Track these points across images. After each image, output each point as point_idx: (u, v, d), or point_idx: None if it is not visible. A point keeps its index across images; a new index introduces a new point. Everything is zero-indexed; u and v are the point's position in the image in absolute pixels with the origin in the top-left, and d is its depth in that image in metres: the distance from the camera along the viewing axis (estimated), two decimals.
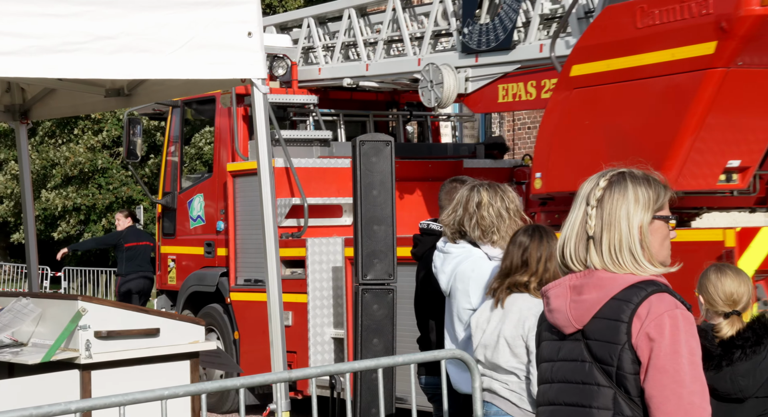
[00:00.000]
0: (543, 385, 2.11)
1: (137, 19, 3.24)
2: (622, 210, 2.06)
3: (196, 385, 2.88)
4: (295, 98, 7.37)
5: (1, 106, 4.80)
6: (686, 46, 4.97)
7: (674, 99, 5.03)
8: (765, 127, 5.17)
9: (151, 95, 4.45)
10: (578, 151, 5.41)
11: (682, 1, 4.98)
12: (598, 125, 5.38)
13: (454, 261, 3.55)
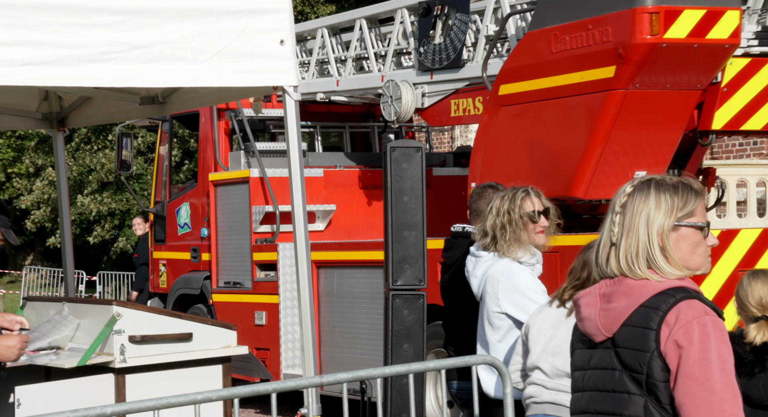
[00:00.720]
0: (575, 393, 2.11)
1: (172, 28, 3.29)
2: (642, 215, 2.06)
3: (228, 390, 2.91)
4: (273, 112, 7.87)
5: (39, 114, 4.89)
6: (591, 70, 5.53)
7: (583, 117, 5.59)
8: (667, 141, 5.66)
9: (185, 103, 4.51)
10: (506, 163, 5.98)
11: (587, 29, 5.52)
12: (522, 139, 5.95)
13: (485, 264, 3.57)
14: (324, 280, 7.09)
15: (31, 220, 21.09)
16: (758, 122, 5.76)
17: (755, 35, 5.70)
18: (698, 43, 5.41)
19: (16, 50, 3.04)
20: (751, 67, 5.70)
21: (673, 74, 5.52)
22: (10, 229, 3.56)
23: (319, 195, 7.53)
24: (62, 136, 4.96)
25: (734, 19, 5.42)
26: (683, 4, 5.35)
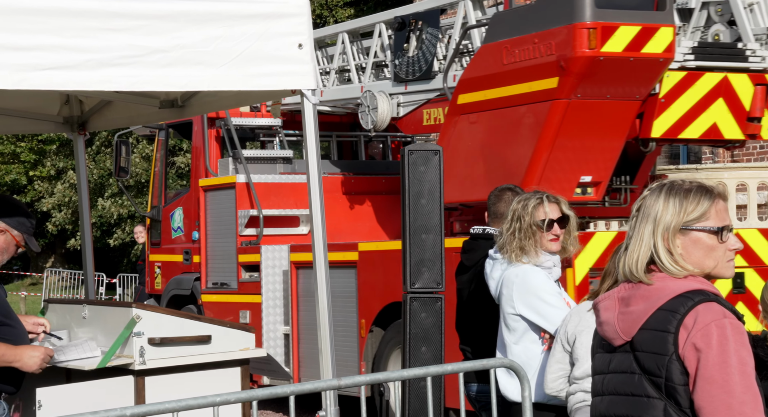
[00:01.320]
0: (595, 397, 2.10)
1: (191, 33, 3.32)
2: (650, 218, 2.06)
3: (247, 392, 2.93)
4: (262, 121, 8.33)
5: (60, 118, 4.93)
6: (537, 81, 5.97)
7: (531, 124, 6.02)
8: (610, 148, 6.09)
9: (204, 106, 4.53)
10: (464, 168, 6.43)
11: (533, 42, 5.94)
12: (477, 146, 6.40)
13: (501, 267, 3.58)
14: (302, 280, 7.46)
15: (52, 222, 21.28)
16: (695, 131, 6.15)
17: (691, 50, 6.10)
18: (634, 56, 5.82)
19: (38, 55, 3.07)
20: (688, 79, 6.09)
21: (612, 85, 5.92)
22: (32, 235, 3.59)
23: (303, 200, 7.87)
24: (83, 140, 5.00)
25: (668, 35, 5.82)
26: (620, 20, 5.76)
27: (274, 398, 2.94)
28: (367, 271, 6.97)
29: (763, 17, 6.24)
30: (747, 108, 6.25)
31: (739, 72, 6.21)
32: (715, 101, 6.19)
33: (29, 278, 24.25)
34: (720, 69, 6.17)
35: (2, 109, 4.72)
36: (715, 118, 6.20)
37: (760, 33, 6.22)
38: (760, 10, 6.23)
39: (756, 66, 6.19)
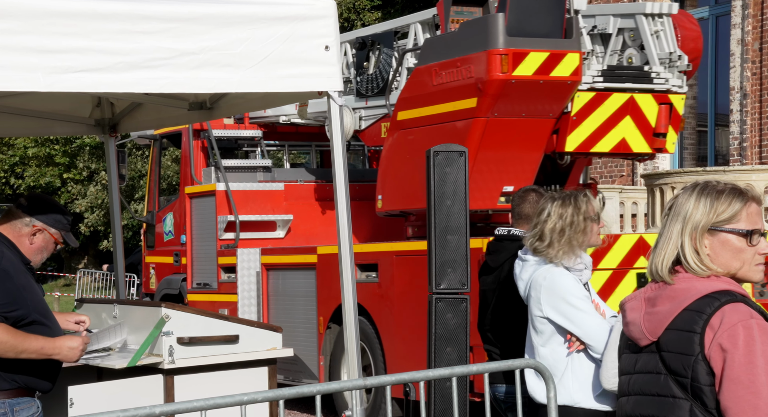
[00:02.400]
0: (621, 398, 2.10)
1: (219, 35, 3.35)
2: (680, 216, 2.05)
3: (274, 392, 2.95)
4: (244, 132, 8.95)
5: (91, 120, 5.00)
6: (460, 101, 6.70)
7: (455, 140, 6.49)
8: (529, 160, 6.84)
9: (232, 108, 4.57)
10: (403, 178, 7.15)
11: (457, 66, 6.66)
12: (412, 158, 7.05)
13: (531, 268, 3.58)
14: (272, 280, 8.14)
15: (85, 223, 21.52)
16: (606, 145, 6.90)
17: (600, 73, 6.85)
18: (543, 79, 6.58)
19: (70, 57, 3.12)
20: (597, 99, 6.83)
21: (526, 105, 6.66)
22: (69, 231, 3.63)
23: (280, 206, 8.56)
24: (114, 142, 5.07)
25: (575, 60, 6.60)
26: (529, 47, 6.50)
27: (299, 398, 2.96)
28: (324, 272, 7.56)
29: (667, 42, 6.93)
30: (653, 124, 6.95)
31: (644, 92, 6.91)
32: (623, 119, 6.89)
33: (63, 279, 24.55)
34: (627, 90, 6.87)
35: (36, 111, 4.80)
36: (624, 133, 6.91)
37: (664, 57, 6.93)
38: (665, 36, 6.93)
39: (660, 87, 6.91)
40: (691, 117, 13.82)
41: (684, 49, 7.02)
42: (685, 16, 7.25)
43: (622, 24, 7.03)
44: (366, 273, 7.34)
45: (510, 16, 6.42)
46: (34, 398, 3.40)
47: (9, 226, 3.47)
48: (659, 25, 6.95)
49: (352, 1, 19.23)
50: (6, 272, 3.31)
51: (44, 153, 22.56)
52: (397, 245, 7.19)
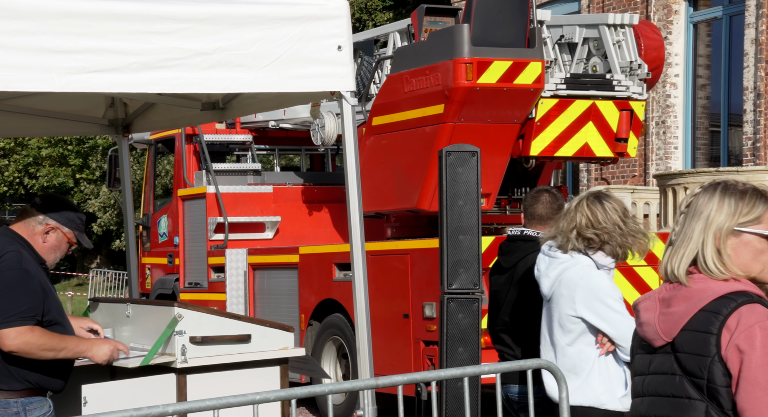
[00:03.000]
0: (635, 399, 2.09)
1: (232, 35, 3.36)
2: (702, 216, 2.03)
3: (286, 391, 2.96)
4: (235, 137, 9.31)
5: (105, 120, 5.03)
6: (428, 107, 7.06)
7: (424, 144, 7.09)
8: (495, 164, 7.16)
9: (245, 108, 4.59)
10: (377, 181, 7.49)
11: (426, 74, 7.00)
12: (386, 162, 7.52)
13: (560, 266, 3.55)
14: (258, 279, 8.49)
15: (97, 223, 21.61)
16: (569, 150, 7.27)
17: (563, 81, 7.22)
18: (507, 87, 6.93)
19: (84, 58, 3.14)
20: (560, 106, 7.19)
21: (490, 111, 7.01)
22: (84, 232, 3.63)
23: (269, 208, 8.92)
24: (127, 142, 5.09)
25: (537, 68, 6.96)
26: (493, 56, 6.88)
27: (311, 397, 2.96)
28: (306, 272, 7.99)
29: (629, 52, 7.30)
30: (614, 130, 7.32)
31: (606, 99, 7.28)
32: (586, 124, 7.28)
33: (75, 278, 24.66)
34: (589, 97, 7.25)
35: (50, 111, 4.83)
36: (586, 138, 7.30)
37: (625, 66, 7.30)
38: (626, 46, 7.30)
39: (621, 94, 7.29)
40: (704, 117, 13.76)
41: (647, 58, 7.37)
42: (648, 27, 7.63)
43: (587, 34, 7.39)
44: (343, 272, 7.67)
45: (474, 27, 6.78)
46: (45, 397, 3.41)
47: (23, 224, 3.48)
48: (621, 35, 7.31)
49: (364, 2, 19.25)
50: (27, 272, 3.33)
51: (57, 153, 22.67)
52: (371, 245, 7.35)
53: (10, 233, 3.46)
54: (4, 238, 3.42)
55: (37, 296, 3.33)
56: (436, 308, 6.77)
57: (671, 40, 13.66)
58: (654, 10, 13.70)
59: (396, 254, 7.25)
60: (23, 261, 3.35)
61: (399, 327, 7.01)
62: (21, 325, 3.25)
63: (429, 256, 6.81)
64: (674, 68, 13.66)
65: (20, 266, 3.32)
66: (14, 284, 3.28)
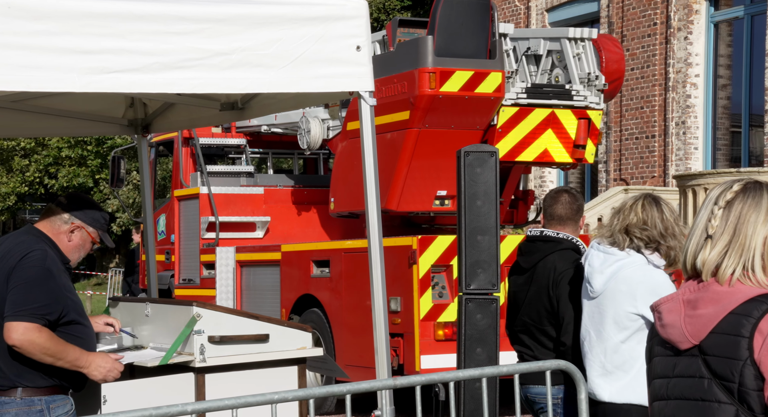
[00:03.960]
0: (658, 402, 2.06)
1: (251, 36, 3.37)
2: (751, 218, 1.99)
3: (304, 391, 2.96)
4: (230, 141, 9.86)
5: (125, 121, 5.05)
6: (396, 113, 7.63)
7: (393, 148, 7.67)
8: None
9: (264, 108, 4.59)
10: (351, 183, 7.99)
11: (394, 82, 7.53)
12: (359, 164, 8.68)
13: (617, 263, 3.54)
14: (245, 276, 8.96)
15: (117, 223, 21.73)
16: (530, 155, 7.81)
17: (524, 90, 7.76)
18: (468, 95, 7.43)
19: (105, 58, 3.15)
20: (520, 113, 7.73)
21: (453, 118, 7.51)
22: (107, 231, 3.66)
23: (260, 209, 9.40)
24: (146, 142, 5.11)
25: (497, 78, 7.52)
26: (456, 66, 7.38)
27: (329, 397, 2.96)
28: (287, 268, 8.48)
29: (587, 64, 7.87)
30: (573, 137, 7.86)
31: (564, 108, 7.83)
32: (545, 131, 7.80)
33: (94, 278, 24.81)
34: (548, 105, 7.78)
35: (70, 111, 4.86)
36: (546, 144, 7.83)
37: (583, 77, 7.87)
38: (585, 58, 7.87)
39: (579, 103, 7.85)
40: (725, 117, 13.66)
41: (608, 70, 7.95)
42: (610, 40, 8.24)
43: (550, 46, 7.95)
44: (320, 269, 8.21)
45: (438, 39, 7.24)
46: (68, 396, 3.44)
47: (48, 223, 3.50)
48: (581, 48, 7.87)
49: (383, 2, 19.25)
50: (50, 272, 3.35)
51: (77, 154, 22.82)
52: (345, 243, 8.13)
53: (35, 232, 3.49)
54: (30, 237, 3.45)
55: (54, 297, 3.34)
56: (400, 302, 7.43)
57: (692, 40, 13.57)
58: (674, 10, 13.62)
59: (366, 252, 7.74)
60: (48, 260, 3.37)
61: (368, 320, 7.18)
62: (30, 322, 3.28)
63: (395, 254, 7.38)
64: (695, 68, 13.57)
65: (44, 265, 3.35)
66: (34, 281, 3.31)
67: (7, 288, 3.31)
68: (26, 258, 3.33)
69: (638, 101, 14.08)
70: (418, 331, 7.26)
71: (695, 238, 2.04)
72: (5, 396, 3.32)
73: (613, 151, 14.40)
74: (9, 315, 3.28)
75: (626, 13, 14.24)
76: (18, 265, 3.31)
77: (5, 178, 24.61)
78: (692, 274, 2.05)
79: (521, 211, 8.64)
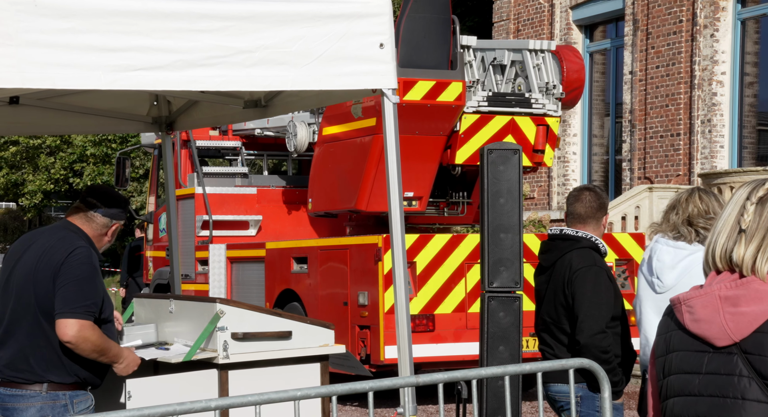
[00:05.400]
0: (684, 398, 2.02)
1: (274, 33, 3.38)
2: None
3: (327, 387, 2.96)
4: (227, 143, 10.45)
5: (149, 118, 5.08)
6: (365, 120, 8.31)
7: (362, 152, 8.31)
8: (425, 170, 8.39)
9: (287, 106, 4.60)
10: (327, 184, 8.77)
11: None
12: (332, 167, 8.75)
13: (689, 258, 3.53)
14: (235, 271, 9.58)
15: None
16: None
17: (485, 98, 8.43)
18: (431, 103, 8.05)
19: (130, 56, 3.17)
20: (481, 120, 8.42)
21: (417, 124, 8.13)
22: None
23: (253, 208, 9.99)
24: (170, 140, 5.14)
25: (458, 87, 8.16)
26: (418, 76, 8.03)
27: (352, 394, 2.96)
28: (270, 264, 9.10)
29: (547, 74, 8.50)
30: (532, 142, 8.47)
31: (524, 115, 8.47)
32: (505, 137, 8.44)
33: (118, 275, 24.97)
34: (508, 113, 8.45)
35: (95, 109, 4.89)
36: None
37: (542, 86, 8.50)
38: (545, 68, 8.50)
39: (537, 111, 8.50)
40: (752, 115, 13.51)
41: (568, 79, 8.56)
42: (571, 51, 8.86)
43: (513, 57, 8.57)
44: (300, 265, 8.82)
45: (401, 51, 7.78)
46: (88, 392, 3.48)
47: (86, 223, 3.57)
48: (540, 59, 8.49)
49: None
50: (96, 269, 3.45)
51: (101, 152, 23.02)
52: (320, 241, 8.85)
53: (73, 228, 3.55)
54: (70, 234, 3.51)
55: (101, 295, 3.43)
56: (367, 297, 7.92)
57: (718, 37, 13.43)
58: (701, 7, 13.48)
59: (339, 249, 8.38)
60: (93, 258, 3.47)
61: (340, 313, 8.10)
62: (85, 319, 3.34)
63: (362, 251, 7.98)
64: (721, 66, 13.44)
65: (91, 262, 3.43)
66: (85, 278, 3.38)
67: (53, 284, 3.36)
68: (74, 255, 3.39)
69: (663, 99, 13.96)
70: (383, 323, 7.76)
71: (726, 232, 2.01)
72: (31, 389, 3.37)
73: (638, 149, 14.30)
74: (64, 312, 3.33)
75: (651, 10, 14.12)
76: (66, 262, 3.37)
77: (31, 175, 24.86)
78: (726, 268, 2.01)
79: None
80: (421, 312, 7.99)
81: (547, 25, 15.75)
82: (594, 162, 15.57)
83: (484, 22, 18.58)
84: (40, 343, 3.38)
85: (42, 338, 3.37)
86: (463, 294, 8.13)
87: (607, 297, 3.84)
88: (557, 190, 15.48)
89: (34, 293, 3.37)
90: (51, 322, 3.36)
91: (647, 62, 14.13)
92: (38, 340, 3.38)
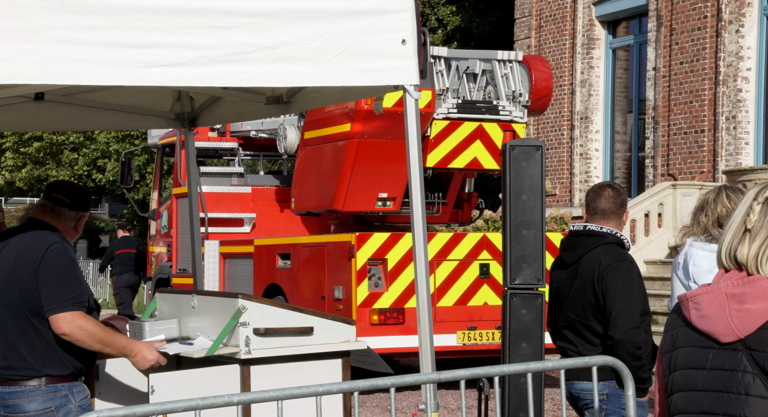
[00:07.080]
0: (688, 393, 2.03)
1: (297, 29, 3.38)
2: None
3: (348, 383, 2.97)
4: (224, 144, 11.01)
5: (172, 114, 5.11)
6: (341, 125, 8.91)
7: (337, 156, 8.95)
8: (398, 172, 8.88)
9: (309, 102, 4.61)
10: (307, 184, 9.39)
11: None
12: (312, 169, 9.41)
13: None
14: (227, 267, 10.09)
15: None
16: (461, 162, 9.03)
17: (455, 105, 8.95)
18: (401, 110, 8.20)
19: (153, 52, 3.19)
20: (451, 126, 8.94)
21: (389, 130, 8.68)
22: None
23: (247, 206, 10.52)
24: (193, 135, 5.16)
25: (428, 95, 8.69)
26: None
27: (373, 390, 2.96)
28: (258, 260, 9.59)
29: (514, 82, 9.08)
30: (499, 147, 8.78)
31: (491, 121, 9.00)
32: (474, 142, 8.97)
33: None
34: (476, 119, 8.97)
35: (119, 105, 4.92)
36: (475, 153, 9.04)
37: (509, 94, 9.08)
38: (512, 78, 9.09)
39: (504, 117, 9.05)
40: None
41: (536, 88, 9.06)
42: (539, 61, 9.35)
43: (484, 66, 9.06)
44: (284, 261, 9.30)
45: None
46: (82, 382, 3.53)
47: (56, 220, 3.61)
48: (508, 68, 9.06)
49: None
50: (74, 262, 3.48)
51: (124, 149, 23.18)
52: (302, 238, 9.38)
53: (44, 225, 3.58)
54: (43, 231, 3.54)
55: (84, 286, 3.48)
56: (342, 291, 8.38)
57: (743, 32, 13.29)
58: (725, 3, 13.35)
59: (317, 246, 8.89)
60: (69, 251, 3.51)
61: (318, 306, 8.51)
62: (74, 310, 3.37)
63: (337, 248, 8.45)
64: (746, 62, 13.30)
65: (68, 255, 3.48)
66: (66, 271, 3.41)
67: (35, 280, 3.39)
68: (50, 251, 3.43)
69: (687, 95, 13.84)
70: (355, 316, 8.16)
71: (732, 231, 2.04)
72: (30, 385, 3.42)
73: (661, 146, 14.19)
74: (53, 308, 3.37)
75: (676, 5, 14.00)
76: (44, 258, 3.41)
77: (55, 171, 25.07)
78: (732, 266, 2.03)
79: (466, 210, 9.73)
80: (392, 305, 8.44)
81: (569, 21, 15.65)
82: (617, 159, 15.48)
83: (506, 18, 18.50)
84: (32, 340, 3.42)
85: (33, 335, 3.41)
86: (432, 289, 8.52)
87: (639, 292, 3.82)
88: (579, 187, 15.40)
89: (18, 291, 3.41)
90: (39, 318, 3.40)
91: (671, 58, 14.01)
92: (30, 337, 3.42)
